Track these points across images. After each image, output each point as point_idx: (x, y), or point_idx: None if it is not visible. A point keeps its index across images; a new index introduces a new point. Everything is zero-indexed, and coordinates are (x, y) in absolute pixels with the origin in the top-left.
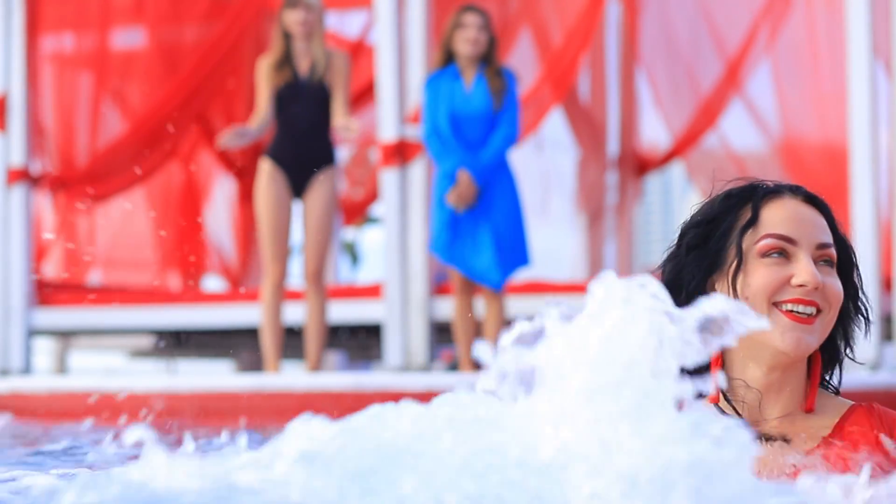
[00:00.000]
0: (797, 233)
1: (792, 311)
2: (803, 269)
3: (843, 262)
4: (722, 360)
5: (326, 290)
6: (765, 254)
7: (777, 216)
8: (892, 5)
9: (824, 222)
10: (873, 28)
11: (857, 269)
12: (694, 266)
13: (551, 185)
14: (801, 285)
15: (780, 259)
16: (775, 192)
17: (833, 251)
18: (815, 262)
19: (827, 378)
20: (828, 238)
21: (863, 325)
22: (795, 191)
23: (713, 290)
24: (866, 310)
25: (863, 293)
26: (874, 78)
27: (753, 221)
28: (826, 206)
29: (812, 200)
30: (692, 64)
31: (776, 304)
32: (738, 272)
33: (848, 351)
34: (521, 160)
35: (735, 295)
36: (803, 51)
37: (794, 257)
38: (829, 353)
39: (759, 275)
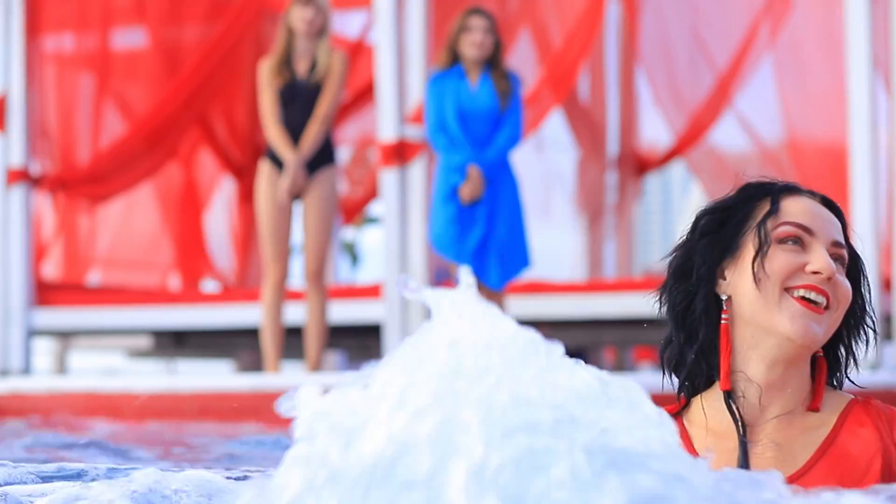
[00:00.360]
0: (815, 225)
1: (804, 297)
2: (819, 258)
3: (852, 271)
4: (730, 339)
5: (327, 289)
6: (782, 240)
7: (796, 208)
8: (892, 17)
9: (839, 226)
10: (872, 35)
11: (867, 280)
12: (706, 251)
13: (551, 186)
14: (815, 272)
15: (796, 247)
16: (793, 189)
17: (846, 253)
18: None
19: (836, 374)
20: (842, 239)
21: (867, 339)
22: (812, 193)
23: (723, 276)
24: (873, 322)
25: (870, 306)
26: (873, 78)
27: (774, 210)
28: (841, 213)
29: (828, 204)
30: (692, 63)
31: (788, 290)
32: (760, 255)
33: (849, 369)
34: (522, 160)
35: (753, 276)
36: (805, 48)
37: (809, 247)
38: (830, 362)
39: (775, 258)
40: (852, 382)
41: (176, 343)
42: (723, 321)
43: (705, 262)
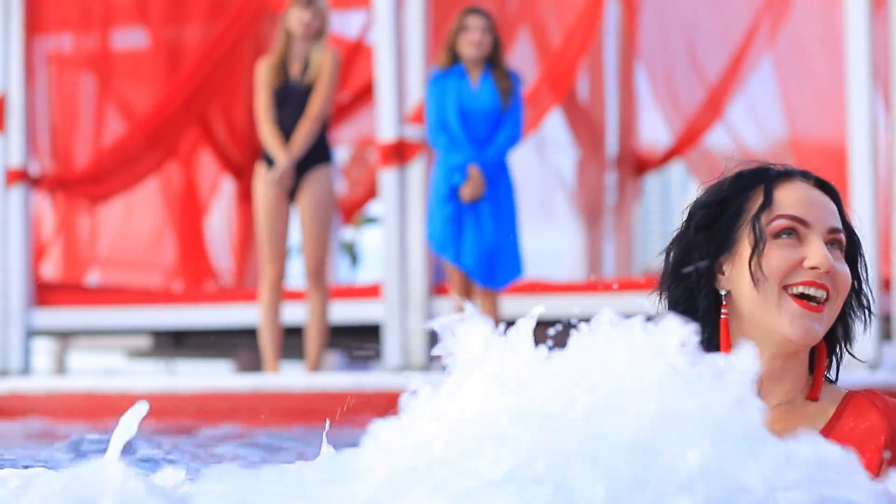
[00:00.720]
0: (810, 215)
1: (803, 294)
2: (816, 252)
3: (850, 250)
4: (729, 333)
5: (328, 289)
6: (777, 234)
7: (790, 198)
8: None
9: (835, 208)
10: (871, 40)
11: (863, 258)
12: (703, 247)
13: (550, 186)
14: (813, 268)
15: (791, 241)
16: (787, 174)
17: (843, 237)
18: (826, 245)
19: (827, 368)
20: (838, 223)
21: (864, 318)
22: (806, 176)
23: (721, 271)
24: (869, 301)
25: (867, 285)
26: (872, 79)
27: (767, 203)
28: (836, 193)
29: (822, 186)
30: (692, 62)
31: (786, 288)
32: (757, 254)
33: (847, 345)
34: (521, 160)
35: (751, 276)
36: (806, 46)
37: (806, 239)
38: (830, 344)
39: (772, 256)
40: (852, 354)
41: (175, 343)
42: (722, 316)
43: (703, 259)
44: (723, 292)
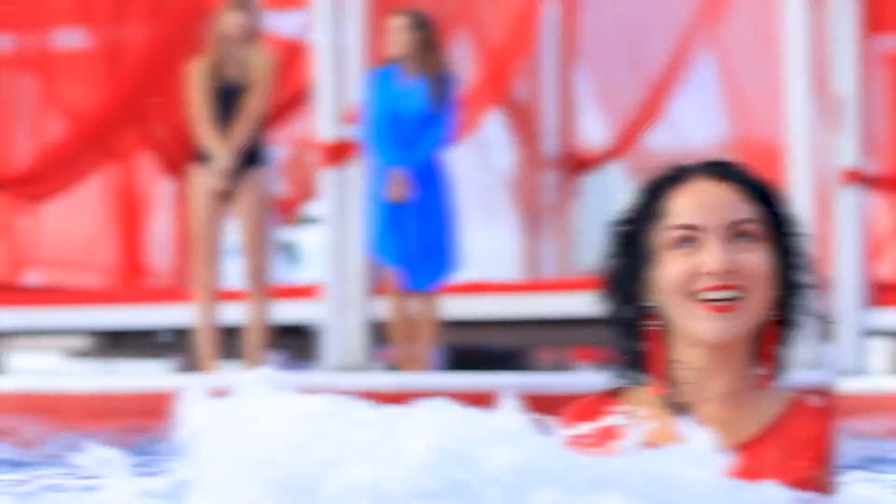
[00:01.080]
0: (703, 218)
1: (708, 299)
2: (711, 256)
3: (777, 228)
4: (662, 344)
5: (268, 289)
6: (673, 246)
7: (683, 205)
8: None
9: (736, 197)
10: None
11: (794, 230)
12: (621, 266)
13: (489, 185)
14: (710, 273)
15: (689, 248)
16: (682, 178)
17: (750, 225)
18: (730, 240)
19: (784, 349)
20: (740, 214)
21: (812, 288)
22: (705, 169)
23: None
24: (811, 270)
25: (805, 253)
26: (809, 79)
27: (662, 214)
28: (741, 177)
29: (725, 175)
30: (632, 63)
31: (692, 295)
32: (651, 268)
33: (796, 324)
34: (459, 160)
35: (654, 290)
36: (745, 46)
37: (703, 243)
38: (785, 322)
39: (668, 269)
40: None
41: (114, 343)
42: (652, 327)
43: (625, 278)
44: (651, 304)
